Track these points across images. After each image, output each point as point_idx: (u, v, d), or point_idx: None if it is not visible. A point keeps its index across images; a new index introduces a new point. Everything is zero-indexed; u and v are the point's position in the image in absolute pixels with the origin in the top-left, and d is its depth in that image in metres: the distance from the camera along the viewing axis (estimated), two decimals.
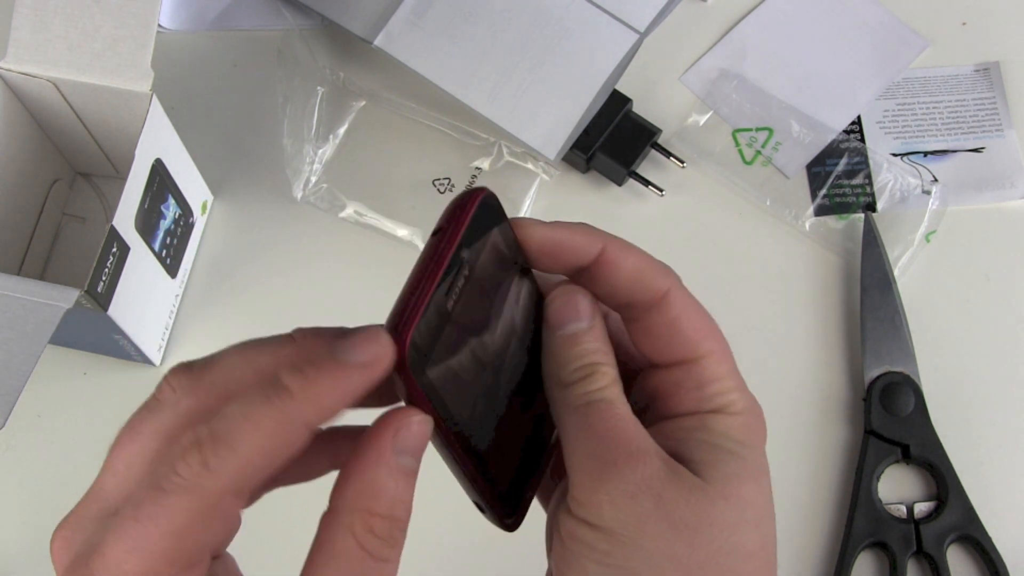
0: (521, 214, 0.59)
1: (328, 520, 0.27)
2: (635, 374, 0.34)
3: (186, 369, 0.28)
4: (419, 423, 0.27)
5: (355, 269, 0.58)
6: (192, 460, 0.25)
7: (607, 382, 0.30)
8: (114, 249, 0.48)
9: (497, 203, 0.31)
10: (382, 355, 0.26)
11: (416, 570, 0.53)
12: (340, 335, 0.27)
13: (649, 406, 0.33)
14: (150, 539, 0.25)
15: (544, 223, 0.33)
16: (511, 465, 0.32)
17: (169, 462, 0.25)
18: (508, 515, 0.32)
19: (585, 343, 0.31)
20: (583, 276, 0.32)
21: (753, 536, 0.30)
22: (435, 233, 0.29)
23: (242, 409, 0.25)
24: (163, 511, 0.25)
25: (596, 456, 0.29)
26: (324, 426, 0.26)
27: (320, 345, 0.27)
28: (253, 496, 0.28)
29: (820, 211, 0.59)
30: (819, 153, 0.60)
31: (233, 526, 0.27)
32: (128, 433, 0.28)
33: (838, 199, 0.59)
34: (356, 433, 0.28)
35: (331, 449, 0.30)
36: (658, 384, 0.32)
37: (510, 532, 0.33)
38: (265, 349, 0.28)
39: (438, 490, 0.34)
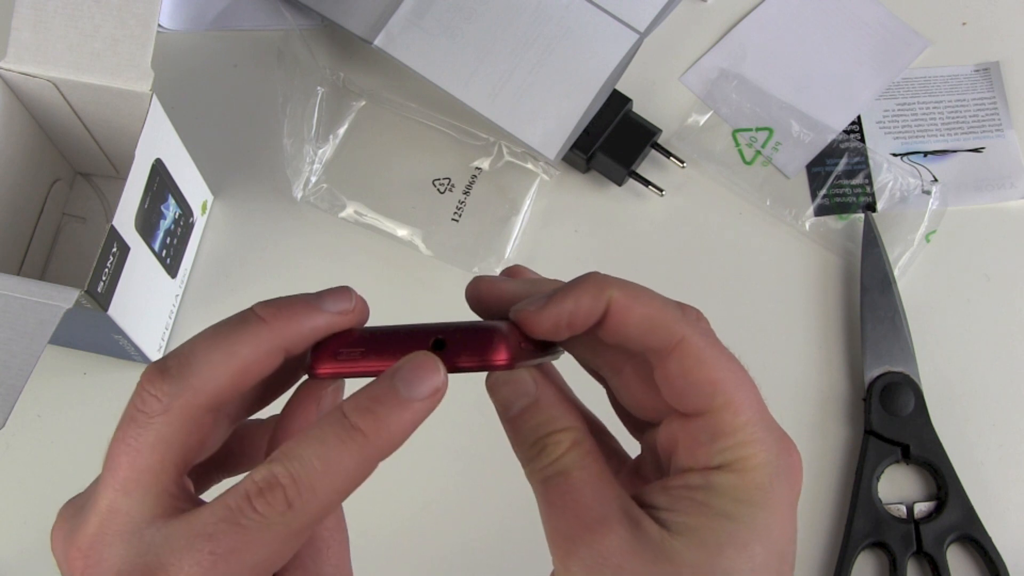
0: (521, 214, 0.59)
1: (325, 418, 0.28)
2: (657, 422, 0.33)
3: (162, 375, 0.29)
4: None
5: (355, 269, 0.58)
6: (275, 500, 0.27)
7: (562, 449, 0.29)
8: (114, 249, 0.48)
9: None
10: (442, 385, 0.28)
11: (416, 571, 0.53)
12: (313, 303, 0.30)
13: (670, 455, 0.31)
14: (128, 479, 0.28)
15: (540, 302, 0.30)
16: None
17: (245, 500, 0.27)
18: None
19: (533, 418, 0.30)
20: (589, 335, 0.31)
21: None
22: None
23: (319, 453, 0.27)
24: (244, 545, 0.27)
25: (561, 531, 0.29)
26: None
27: (300, 322, 0.30)
28: None
29: (820, 211, 0.59)
30: (819, 153, 0.60)
31: (206, 445, 0.30)
32: (124, 448, 0.29)
33: (838, 199, 0.59)
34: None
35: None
36: (678, 432, 0.31)
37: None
38: (239, 338, 0.29)
39: (440, 493, 0.34)
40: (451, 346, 0.29)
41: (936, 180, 0.60)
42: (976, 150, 0.60)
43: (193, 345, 0.29)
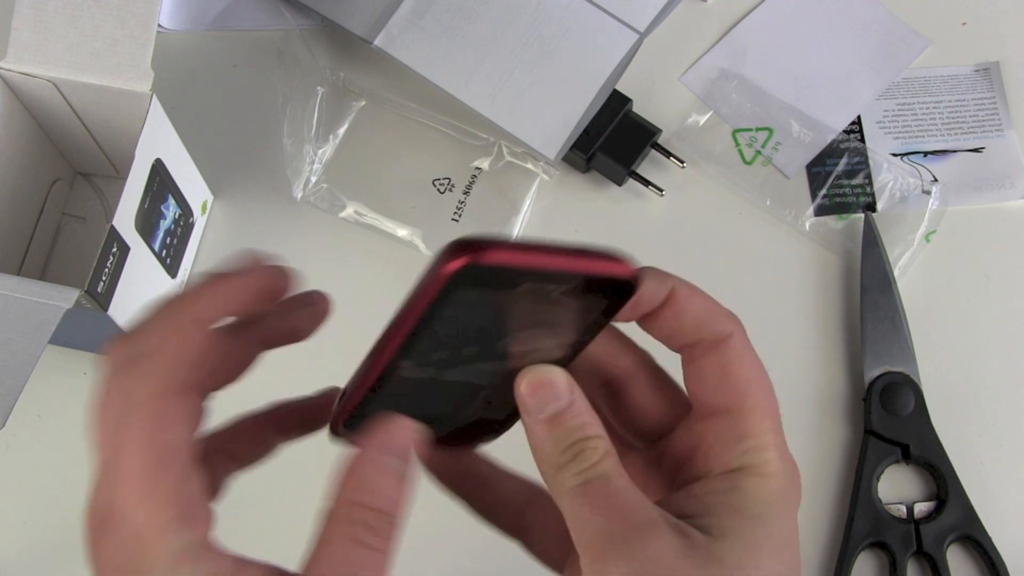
0: (521, 214, 0.59)
1: (325, 513, 0.29)
2: (667, 431, 0.33)
3: (123, 338, 0.30)
4: (402, 429, 0.30)
5: (355, 269, 0.58)
6: (116, 380, 0.29)
7: (599, 455, 0.29)
8: (114, 249, 0.48)
9: (485, 268, 0.26)
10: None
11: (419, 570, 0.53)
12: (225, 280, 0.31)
13: (685, 463, 0.32)
14: (134, 463, 0.28)
15: None
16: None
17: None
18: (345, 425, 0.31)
19: (568, 421, 0.30)
20: (647, 319, 0.31)
21: None
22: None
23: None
24: (128, 431, 0.28)
25: (603, 534, 0.28)
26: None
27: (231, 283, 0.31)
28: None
29: (820, 211, 0.59)
30: (819, 153, 0.60)
31: (196, 424, 0.29)
32: (98, 409, 0.29)
33: (838, 199, 0.59)
34: (300, 408, 0.33)
35: (278, 424, 0.33)
36: (700, 434, 0.31)
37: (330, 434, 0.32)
38: (188, 302, 0.30)
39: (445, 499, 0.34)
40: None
41: (936, 180, 0.60)
42: (976, 150, 0.60)
43: (137, 339, 0.30)
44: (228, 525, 0.30)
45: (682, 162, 0.59)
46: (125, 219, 0.49)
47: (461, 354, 0.29)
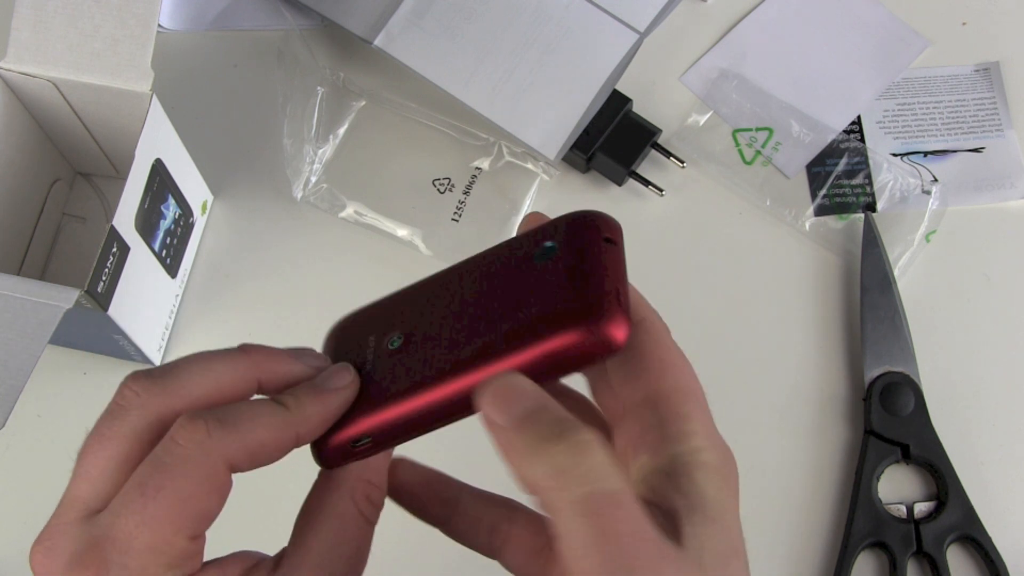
0: (521, 214, 0.59)
1: (328, 488, 0.30)
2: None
3: (146, 375, 0.30)
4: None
5: (355, 269, 0.58)
6: (196, 429, 0.28)
7: (599, 457, 0.26)
8: (114, 249, 0.48)
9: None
10: (353, 383, 0.31)
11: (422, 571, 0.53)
12: (293, 354, 0.31)
13: (631, 458, 0.30)
14: (158, 509, 0.27)
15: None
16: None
17: (169, 438, 0.28)
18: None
19: (545, 415, 0.27)
20: None
21: None
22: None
23: (245, 407, 0.29)
24: (168, 481, 0.28)
25: (605, 566, 0.25)
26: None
27: (278, 363, 0.31)
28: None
29: (820, 211, 0.59)
30: (819, 153, 0.60)
31: (223, 500, 0.29)
32: (97, 439, 0.30)
33: (838, 199, 0.59)
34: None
35: None
36: (632, 427, 0.30)
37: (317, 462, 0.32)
38: (220, 360, 0.30)
39: None
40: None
41: (936, 180, 0.60)
42: (976, 150, 0.60)
43: (177, 360, 0.30)
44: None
45: (682, 162, 0.59)
46: (125, 219, 0.49)
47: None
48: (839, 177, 0.60)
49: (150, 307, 0.54)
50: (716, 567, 0.27)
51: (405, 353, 0.31)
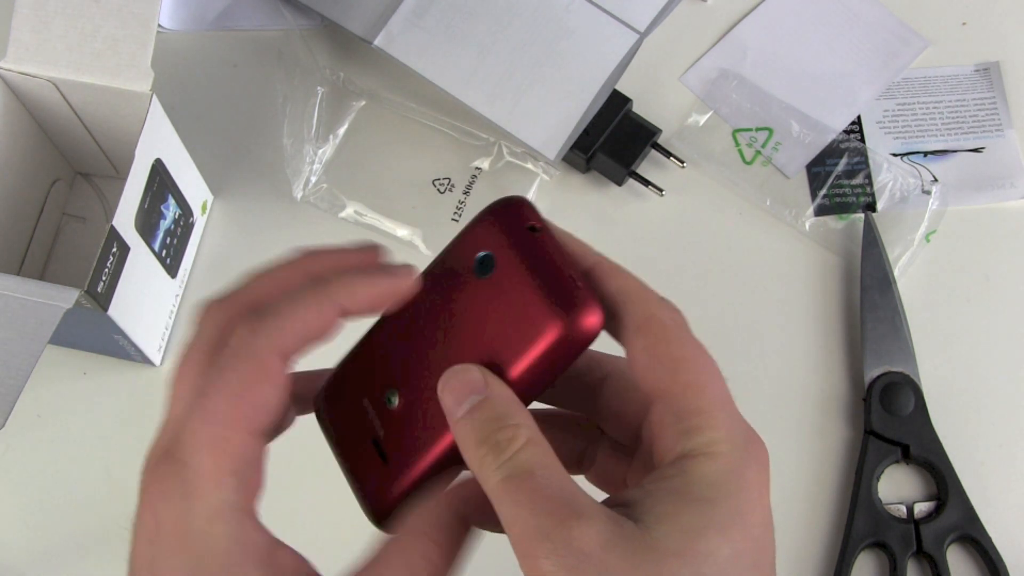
0: None
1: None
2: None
3: (214, 298, 0.31)
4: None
5: None
6: (241, 330, 0.29)
7: (517, 446, 0.28)
8: (114, 249, 0.48)
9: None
10: (409, 272, 0.32)
11: None
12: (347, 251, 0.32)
13: (650, 451, 0.31)
14: (215, 405, 0.29)
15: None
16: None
17: (222, 341, 0.30)
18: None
19: (484, 413, 0.29)
20: None
21: None
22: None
23: (286, 296, 0.30)
24: (222, 379, 0.29)
25: (530, 529, 0.27)
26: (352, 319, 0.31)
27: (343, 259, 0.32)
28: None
29: (820, 211, 0.59)
30: (819, 153, 0.60)
31: (282, 397, 0.30)
32: (183, 364, 0.31)
33: (838, 199, 0.59)
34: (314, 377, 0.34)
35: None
36: (651, 423, 0.30)
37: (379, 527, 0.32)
38: (286, 266, 0.32)
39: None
40: None
41: (936, 180, 0.60)
42: (976, 150, 0.60)
43: (244, 276, 0.32)
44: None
45: (682, 162, 0.59)
46: (125, 219, 0.49)
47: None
48: (839, 177, 0.60)
49: (150, 307, 0.54)
50: (681, 540, 0.27)
51: (409, 407, 0.32)
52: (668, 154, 0.59)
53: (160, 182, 0.52)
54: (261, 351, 0.29)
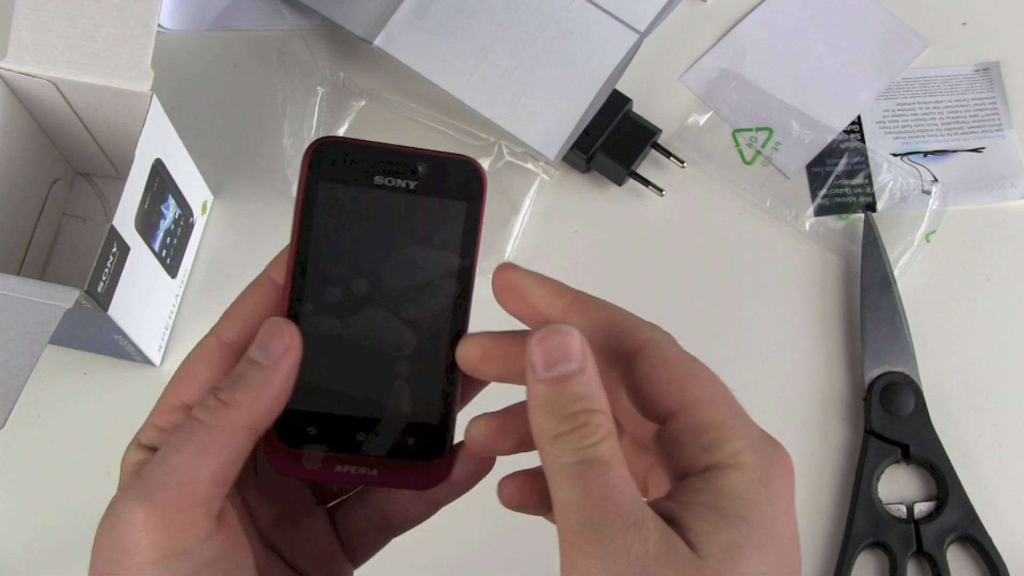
0: (521, 214, 0.59)
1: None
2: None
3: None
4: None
5: None
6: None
7: (602, 435, 0.28)
8: (114, 249, 0.48)
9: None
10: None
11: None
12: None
13: (667, 468, 0.30)
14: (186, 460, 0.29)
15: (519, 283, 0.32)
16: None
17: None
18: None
19: (575, 387, 0.28)
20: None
21: None
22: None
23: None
24: (193, 452, 0.29)
25: (588, 521, 0.27)
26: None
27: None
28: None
29: (820, 211, 0.59)
30: (819, 153, 0.60)
31: (240, 460, 0.30)
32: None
33: (838, 199, 0.59)
34: None
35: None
36: (664, 443, 0.30)
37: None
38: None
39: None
40: None
41: (936, 180, 0.60)
42: (976, 150, 0.60)
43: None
44: None
45: (682, 162, 0.59)
46: (125, 219, 0.49)
47: (353, 290, 0.32)
48: (839, 177, 0.60)
49: (150, 307, 0.54)
50: (724, 560, 0.27)
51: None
52: (668, 154, 0.59)
53: (160, 182, 0.52)
54: (229, 422, 0.30)
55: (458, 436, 0.33)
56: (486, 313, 0.33)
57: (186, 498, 0.29)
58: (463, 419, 0.33)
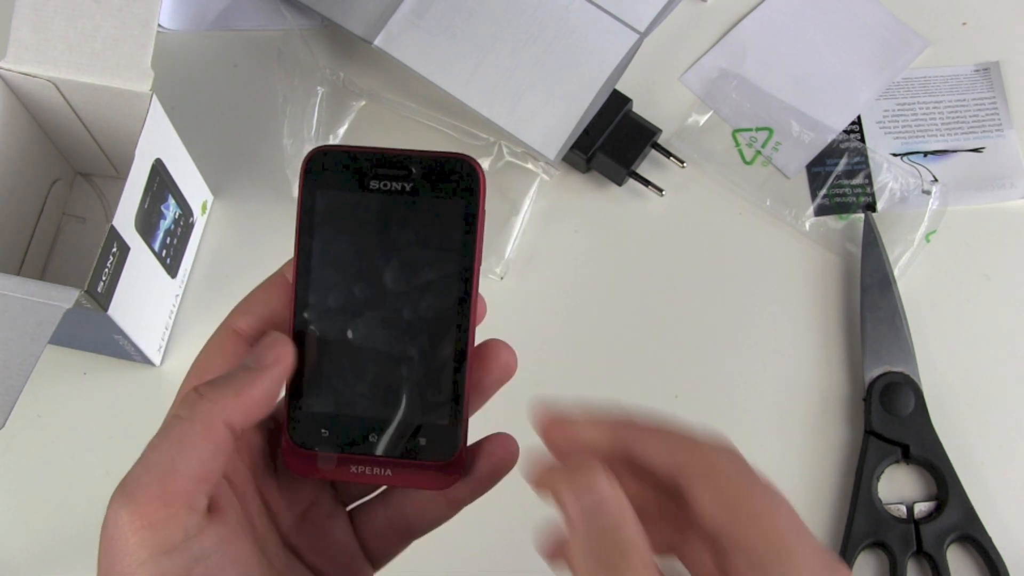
0: (521, 214, 0.59)
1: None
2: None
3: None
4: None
5: None
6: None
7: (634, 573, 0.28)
8: (114, 249, 0.48)
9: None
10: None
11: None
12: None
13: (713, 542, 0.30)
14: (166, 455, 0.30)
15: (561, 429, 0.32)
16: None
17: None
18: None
19: (600, 522, 0.29)
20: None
21: None
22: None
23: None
24: (174, 447, 0.30)
25: None
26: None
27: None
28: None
29: (820, 211, 0.59)
30: (819, 153, 0.60)
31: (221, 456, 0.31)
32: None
33: (838, 199, 0.59)
34: None
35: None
36: (729, 568, 0.30)
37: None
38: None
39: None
40: None
41: (936, 180, 0.60)
42: (976, 150, 0.60)
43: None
44: None
45: (682, 162, 0.59)
46: (125, 219, 0.49)
47: (359, 295, 0.32)
48: (839, 177, 0.60)
49: (150, 307, 0.54)
50: None
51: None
52: (668, 154, 0.59)
53: (160, 182, 0.52)
54: (208, 413, 0.30)
55: (473, 436, 0.33)
56: (489, 313, 0.33)
57: (167, 494, 0.29)
58: (479, 424, 0.33)
